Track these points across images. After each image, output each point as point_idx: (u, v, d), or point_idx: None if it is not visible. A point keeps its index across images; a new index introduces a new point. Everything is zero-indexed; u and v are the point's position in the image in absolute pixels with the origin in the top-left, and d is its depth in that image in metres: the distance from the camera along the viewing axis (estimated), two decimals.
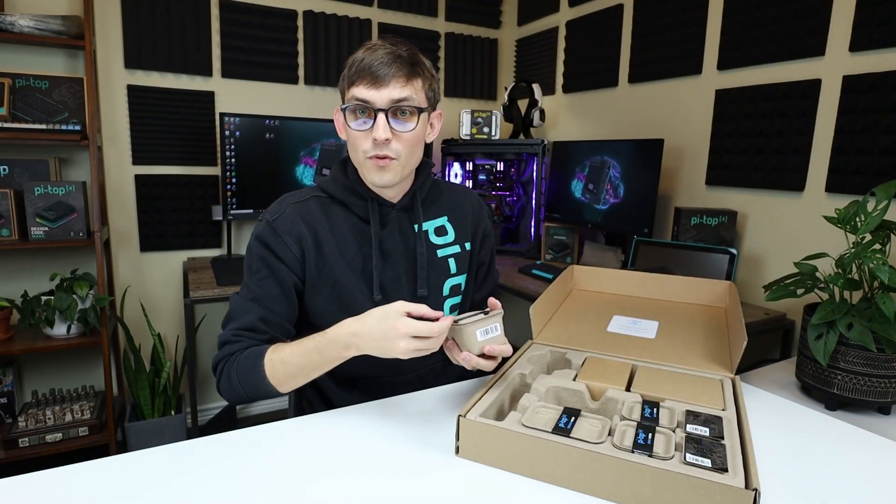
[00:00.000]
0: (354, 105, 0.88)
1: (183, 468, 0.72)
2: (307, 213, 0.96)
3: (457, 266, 1.06)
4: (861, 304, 0.97)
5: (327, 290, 0.97)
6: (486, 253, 1.14)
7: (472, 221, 1.10)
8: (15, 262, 2.04)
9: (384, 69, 0.86)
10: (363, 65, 0.87)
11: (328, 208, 0.98)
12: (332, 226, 0.97)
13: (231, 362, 0.89)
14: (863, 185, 1.43)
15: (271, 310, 0.93)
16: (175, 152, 2.22)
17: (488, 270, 1.17)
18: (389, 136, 0.88)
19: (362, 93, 0.87)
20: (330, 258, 0.96)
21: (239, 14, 2.24)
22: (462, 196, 1.12)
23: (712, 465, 0.64)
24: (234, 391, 0.89)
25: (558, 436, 0.70)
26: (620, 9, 2.17)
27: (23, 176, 1.94)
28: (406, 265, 1.01)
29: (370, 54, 0.88)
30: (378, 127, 0.87)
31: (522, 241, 2.51)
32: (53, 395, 2.05)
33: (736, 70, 1.75)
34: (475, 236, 1.10)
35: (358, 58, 0.89)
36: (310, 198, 0.99)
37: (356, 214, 0.98)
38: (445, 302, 1.05)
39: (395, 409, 0.90)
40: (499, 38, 2.86)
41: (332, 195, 0.99)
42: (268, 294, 0.93)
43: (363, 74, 0.87)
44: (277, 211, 0.96)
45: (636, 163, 1.93)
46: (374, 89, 0.87)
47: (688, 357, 0.99)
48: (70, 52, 2.00)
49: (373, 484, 0.69)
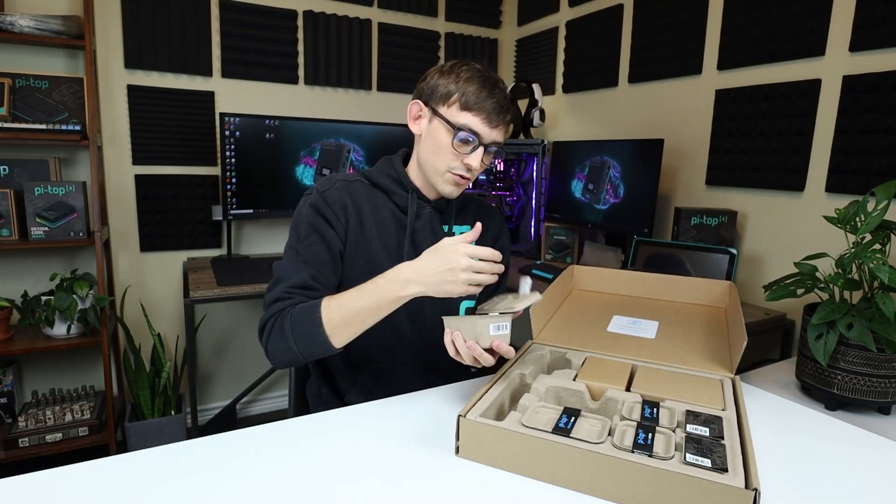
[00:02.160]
0: (467, 133, 0.96)
1: (183, 468, 0.72)
2: (353, 190, 1.04)
3: None
4: (861, 304, 0.97)
5: (363, 262, 1.02)
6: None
7: (493, 234, 1.17)
8: (15, 262, 2.04)
9: (501, 115, 0.97)
10: (482, 102, 0.95)
11: (371, 193, 1.06)
12: (374, 207, 1.04)
13: (284, 316, 0.91)
14: (863, 185, 1.43)
15: (321, 272, 0.98)
16: (175, 152, 2.22)
17: (497, 286, 1.18)
18: (480, 166, 0.99)
19: (477, 126, 0.96)
20: (369, 234, 1.03)
21: (239, 14, 2.24)
22: (488, 212, 1.20)
23: (712, 465, 0.64)
24: (287, 345, 0.90)
25: (558, 436, 0.70)
26: (620, 9, 2.17)
27: (23, 176, 1.94)
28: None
29: (488, 93, 0.95)
30: (476, 157, 0.97)
31: (522, 241, 2.51)
32: (53, 395, 2.05)
33: (736, 70, 1.75)
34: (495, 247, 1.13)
35: (473, 90, 0.95)
36: (355, 180, 1.07)
37: (395, 203, 1.06)
38: (462, 303, 1.11)
39: (396, 409, 0.90)
40: (499, 38, 2.86)
41: (375, 182, 1.06)
42: (317, 258, 0.98)
43: (481, 110, 0.95)
44: (327, 184, 1.03)
45: (636, 163, 1.93)
46: (487, 127, 0.96)
47: (688, 357, 0.99)
48: (70, 52, 2.00)
49: (373, 484, 0.69)
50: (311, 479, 0.70)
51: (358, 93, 2.51)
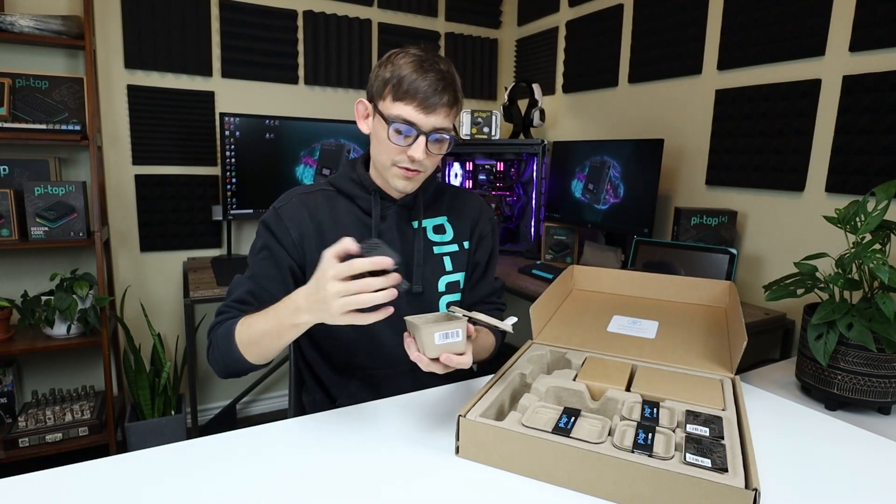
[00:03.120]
0: (400, 125, 0.90)
1: (183, 468, 0.72)
2: (312, 203, 1.02)
3: (453, 264, 1.09)
4: (861, 304, 0.97)
5: None
6: (482, 254, 1.14)
7: (471, 222, 1.13)
8: (15, 262, 2.04)
9: (435, 98, 0.89)
10: (414, 87, 0.89)
11: (334, 201, 1.04)
12: (336, 217, 1.02)
13: (216, 330, 0.93)
14: (863, 185, 1.43)
15: (264, 287, 0.97)
16: (175, 152, 2.22)
17: (484, 274, 1.15)
18: (424, 156, 0.92)
19: (410, 114, 0.90)
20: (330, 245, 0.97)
21: (239, 14, 2.24)
22: (464, 198, 1.15)
23: (712, 465, 0.64)
24: (216, 358, 0.92)
25: (558, 436, 0.70)
26: (620, 9, 2.17)
27: (23, 176, 1.94)
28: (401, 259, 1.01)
29: (421, 76, 0.89)
30: (418, 147, 0.91)
31: (522, 241, 2.51)
32: (53, 395, 2.05)
33: (736, 70, 1.75)
34: (472, 235, 1.12)
35: (407, 76, 0.89)
36: (317, 191, 1.05)
37: (359, 207, 1.03)
38: (441, 298, 1.07)
39: (395, 409, 0.90)
40: (499, 38, 2.86)
41: (339, 188, 1.04)
42: (264, 272, 0.98)
43: (413, 96, 0.89)
44: (284, 199, 1.03)
45: (636, 163, 1.93)
46: (423, 114, 0.90)
47: (688, 357, 0.99)
48: (70, 52, 2.00)
49: (373, 484, 0.69)
50: (311, 480, 0.70)
51: (358, 93, 2.51)
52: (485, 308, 1.14)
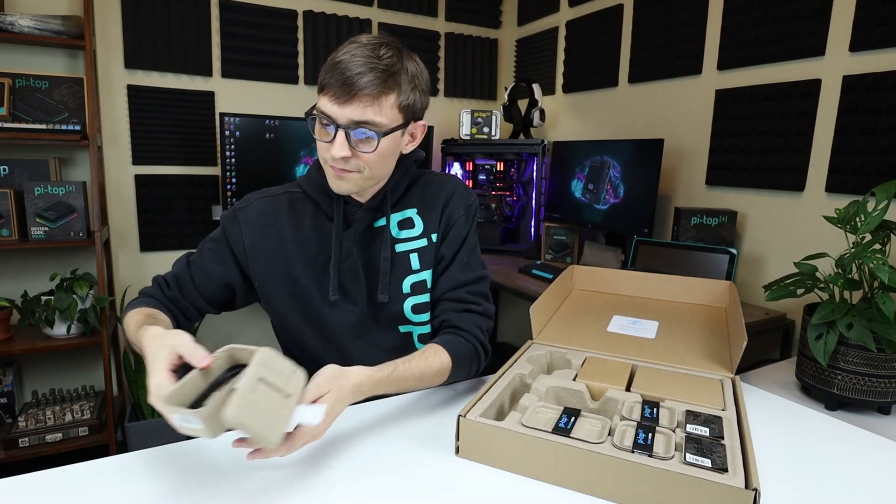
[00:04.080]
0: (318, 117, 0.84)
1: (183, 468, 0.72)
2: (273, 209, 0.98)
3: (420, 261, 0.98)
4: (861, 304, 0.97)
5: (288, 287, 0.97)
6: (448, 245, 0.99)
7: (440, 210, 0.99)
8: (15, 262, 2.04)
9: (350, 85, 0.79)
10: (337, 70, 0.81)
11: (298, 205, 0.99)
12: (297, 224, 0.97)
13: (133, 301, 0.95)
14: (863, 185, 1.43)
15: (194, 279, 0.97)
16: (175, 152, 2.22)
17: (447, 267, 0.99)
18: (347, 153, 0.83)
19: (326, 106, 0.82)
20: (291, 256, 0.96)
21: (239, 14, 2.24)
22: (438, 184, 1.02)
23: (712, 465, 0.64)
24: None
25: (558, 436, 0.70)
26: (620, 9, 2.17)
27: (23, 176, 1.94)
28: (367, 266, 0.98)
29: (348, 59, 0.81)
30: (335, 144, 0.83)
31: (522, 241, 2.51)
32: (53, 395, 2.05)
33: (736, 70, 1.75)
34: (440, 224, 0.99)
35: (337, 57, 0.82)
36: (281, 194, 1.00)
37: (324, 213, 0.97)
38: (406, 300, 0.98)
39: (395, 409, 0.90)
40: (499, 38, 2.86)
41: (306, 192, 0.99)
42: (201, 263, 0.98)
43: (332, 84, 0.81)
44: (247, 200, 0.99)
45: (636, 163, 1.93)
46: (338, 105, 0.81)
47: (688, 357, 0.99)
48: (70, 52, 2.00)
49: (373, 484, 0.69)
50: (311, 480, 0.70)
51: None
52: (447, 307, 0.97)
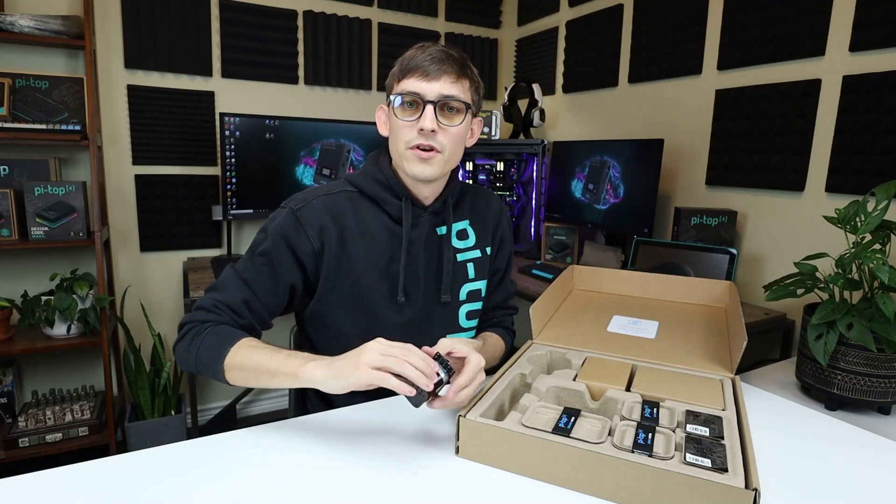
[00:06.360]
0: (405, 97, 0.89)
1: (183, 468, 0.72)
2: (335, 206, 0.94)
3: (475, 271, 1.06)
4: (861, 304, 0.97)
5: (346, 287, 0.95)
6: (502, 259, 1.12)
7: (493, 225, 1.09)
8: (15, 262, 2.04)
9: (436, 65, 0.88)
10: (415, 61, 0.89)
11: (357, 203, 0.96)
12: (360, 222, 0.95)
13: (200, 331, 0.86)
14: (863, 185, 1.43)
15: (258, 296, 0.91)
16: (175, 152, 2.22)
17: (502, 279, 1.13)
18: (436, 126, 0.88)
19: (413, 85, 0.88)
20: (354, 256, 0.94)
21: (239, 14, 2.24)
22: (485, 199, 1.10)
23: (712, 465, 0.64)
24: (190, 357, 0.86)
25: (558, 436, 0.70)
26: (620, 9, 2.17)
27: (23, 176, 1.94)
28: (428, 269, 1.00)
29: (421, 52, 0.90)
30: (426, 117, 0.87)
31: (522, 241, 2.51)
32: (53, 395, 2.05)
33: (736, 70, 1.75)
34: (494, 240, 1.09)
35: (409, 55, 0.90)
36: (339, 192, 0.97)
37: (386, 212, 0.97)
38: (462, 307, 1.04)
39: (395, 409, 0.90)
40: (499, 38, 2.86)
41: (362, 190, 0.97)
42: (260, 281, 0.91)
43: (415, 69, 0.88)
44: (303, 200, 0.94)
45: (636, 163, 1.93)
46: (426, 82, 0.88)
47: (688, 357, 0.99)
48: (70, 52, 2.00)
49: (373, 484, 0.69)
50: (311, 479, 0.70)
51: (358, 93, 2.51)
52: (500, 314, 1.14)
